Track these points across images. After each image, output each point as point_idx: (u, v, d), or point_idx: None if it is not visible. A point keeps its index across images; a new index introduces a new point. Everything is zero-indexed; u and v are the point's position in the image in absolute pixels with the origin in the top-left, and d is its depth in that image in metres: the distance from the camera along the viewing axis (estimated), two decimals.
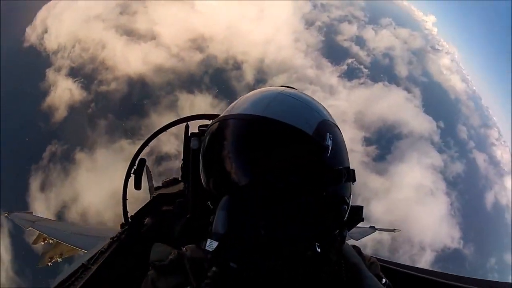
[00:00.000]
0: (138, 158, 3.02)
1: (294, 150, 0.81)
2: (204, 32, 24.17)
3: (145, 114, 21.92)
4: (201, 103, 22.90)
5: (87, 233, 4.99)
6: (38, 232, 5.77)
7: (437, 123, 36.66)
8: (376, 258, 1.22)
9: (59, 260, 5.67)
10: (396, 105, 33.46)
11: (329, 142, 0.85)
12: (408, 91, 36.73)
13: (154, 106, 22.46)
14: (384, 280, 1.05)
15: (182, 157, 2.42)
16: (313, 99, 0.96)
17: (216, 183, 0.89)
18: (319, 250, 0.82)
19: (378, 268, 1.12)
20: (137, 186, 2.98)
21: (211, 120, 2.91)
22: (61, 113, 21.22)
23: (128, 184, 3.44)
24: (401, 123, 32.97)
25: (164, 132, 3.26)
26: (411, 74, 39.94)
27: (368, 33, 41.06)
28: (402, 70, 39.78)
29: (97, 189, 16.65)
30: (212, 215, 0.85)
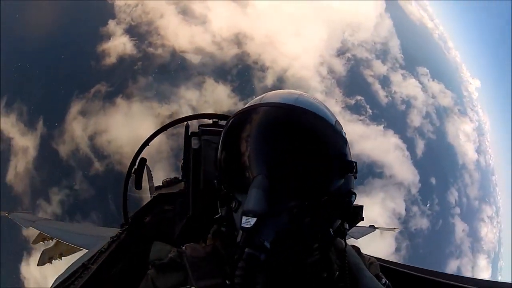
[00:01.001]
0: (139, 158, 3.03)
1: (323, 136, 0.87)
2: (246, 31, 28.17)
3: (176, 85, 25.42)
4: (220, 93, 25.84)
5: (87, 232, 4.99)
6: (38, 231, 5.78)
7: (422, 178, 35.71)
8: (376, 258, 1.22)
9: (59, 259, 5.67)
10: (384, 149, 33.49)
11: (344, 134, 0.93)
12: (404, 140, 36.23)
13: (185, 80, 25.84)
14: (383, 280, 1.06)
15: (182, 157, 2.43)
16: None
17: (243, 165, 0.88)
18: (332, 234, 0.87)
19: (378, 268, 1.12)
20: (138, 185, 2.98)
21: (211, 120, 2.90)
22: (111, 60, 24.95)
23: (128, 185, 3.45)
24: (384, 165, 33.27)
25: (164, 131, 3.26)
26: (421, 127, 39.39)
27: (397, 77, 40.30)
28: (414, 120, 39.12)
29: (125, 131, 20.43)
30: (227, 200, 0.88)
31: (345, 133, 0.96)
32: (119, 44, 25.47)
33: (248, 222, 0.77)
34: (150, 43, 26.41)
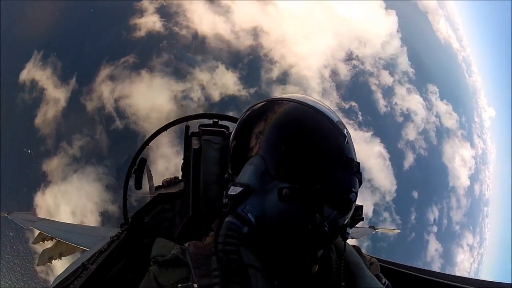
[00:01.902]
0: (139, 158, 3.03)
1: (321, 129, 0.92)
2: (263, 26, 31.22)
3: (192, 66, 28.31)
4: (228, 79, 28.52)
5: (87, 232, 4.99)
6: (38, 231, 5.78)
7: (400, 188, 35.28)
8: (376, 258, 1.22)
9: (59, 259, 5.66)
10: (365, 154, 33.21)
11: (346, 133, 0.97)
12: (391, 150, 35.90)
13: (201, 62, 28.65)
14: (383, 281, 1.06)
15: (182, 157, 2.43)
16: None
17: (248, 149, 0.92)
18: (327, 230, 0.86)
19: (378, 268, 1.13)
20: (138, 185, 2.98)
21: (212, 120, 2.90)
22: (140, 34, 27.85)
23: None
24: (364, 169, 33.69)
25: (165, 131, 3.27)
26: (414, 142, 39.03)
27: (401, 90, 39.73)
28: (409, 134, 38.71)
29: (144, 99, 24.09)
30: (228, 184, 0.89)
31: (348, 132, 0.98)
32: (149, 21, 28.40)
33: (234, 190, 0.80)
34: (177, 23, 29.32)
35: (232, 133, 1.06)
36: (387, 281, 1.07)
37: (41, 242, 5.82)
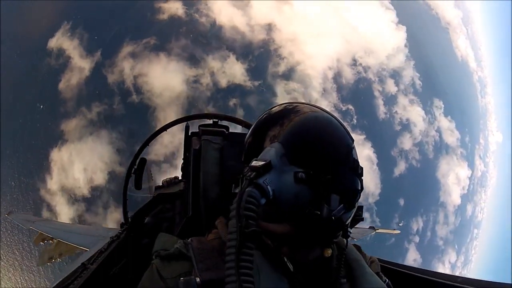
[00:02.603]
0: (139, 158, 3.03)
1: (339, 131, 1.01)
2: (278, 23, 33.04)
3: (206, 53, 30.17)
4: (237, 70, 30.26)
5: (87, 232, 5.00)
6: (38, 232, 5.78)
7: (385, 193, 35.19)
8: (376, 258, 1.22)
9: (59, 259, 5.67)
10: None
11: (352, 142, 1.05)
12: (381, 156, 35.91)
13: (215, 49, 30.64)
14: (384, 279, 1.06)
15: (182, 157, 2.44)
16: None
17: (272, 135, 0.99)
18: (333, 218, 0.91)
19: (379, 267, 1.13)
20: (138, 185, 2.99)
21: (212, 120, 2.90)
22: (163, 17, 29.90)
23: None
24: None
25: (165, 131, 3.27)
26: (409, 152, 38.87)
27: (404, 100, 39.37)
28: (405, 143, 38.68)
29: (160, 79, 26.49)
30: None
31: (353, 140, 1.07)
32: (173, 6, 30.41)
33: (257, 163, 0.85)
34: (198, 10, 31.28)
35: (253, 127, 1.11)
36: (387, 280, 1.07)
37: (41, 242, 5.83)
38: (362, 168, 1.02)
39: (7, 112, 22.35)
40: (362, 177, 1.02)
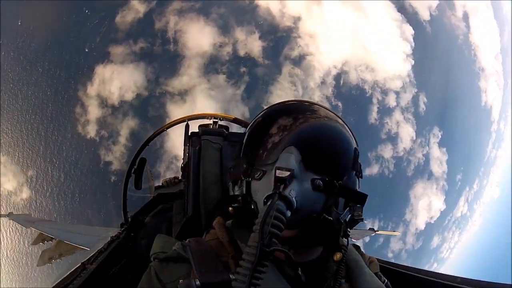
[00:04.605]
0: (139, 158, 3.03)
1: (348, 137, 1.02)
2: (304, 18, 35.43)
3: (238, 25, 32.25)
4: (255, 47, 32.34)
5: (87, 232, 4.99)
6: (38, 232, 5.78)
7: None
8: (376, 258, 1.22)
9: (59, 260, 5.66)
10: None
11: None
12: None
13: (246, 23, 32.73)
14: (383, 279, 1.06)
15: (182, 157, 2.44)
16: None
17: (277, 140, 0.96)
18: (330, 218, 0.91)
19: (378, 267, 1.13)
20: (137, 185, 2.99)
21: (212, 120, 2.90)
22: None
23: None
24: None
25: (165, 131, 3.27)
26: (386, 161, 38.16)
27: (399, 116, 38.43)
28: (385, 152, 37.93)
29: (195, 39, 29.71)
30: (249, 173, 0.95)
31: (357, 141, 1.09)
32: None
33: (282, 173, 0.82)
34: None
35: (255, 124, 1.08)
36: (386, 280, 1.07)
37: (40, 243, 5.82)
38: (362, 171, 1.04)
39: (73, 23, 27.14)
40: (361, 176, 1.04)
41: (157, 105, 27.20)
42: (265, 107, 1.14)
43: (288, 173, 0.82)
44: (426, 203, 41.71)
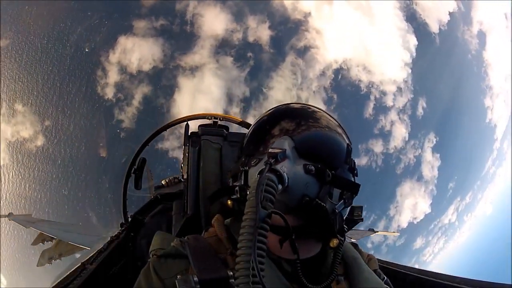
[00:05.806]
0: (139, 158, 3.03)
1: (342, 133, 1.07)
2: (314, 14, 36.69)
3: (251, 13, 33.42)
4: (264, 35, 33.33)
5: (87, 232, 5.00)
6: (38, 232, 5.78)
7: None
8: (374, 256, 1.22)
9: (59, 259, 5.66)
10: None
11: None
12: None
13: (259, 13, 33.93)
14: (382, 276, 1.06)
15: (182, 157, 2.44)
16: None
17: (272, 133, 1.00)
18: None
19: (377, 264, 1.13)
20: (137, 185, 2.98)
21: (212, 120, 2.90)
22: None
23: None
24: None
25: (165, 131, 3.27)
26: (375, 154, 37.44)
27: (395, 116, 37.68)
28: (375, 146, 37.37)
29: (210, 23, 31.51)
30: (247, 162, 0.99)
31: (350, 141, 1.12)
32: None
33: (274, 150, 0.86)
34: None
35: (257, 123, 1.12)
36: (385, 277, 1.07)
37: (40, 243, 5.83)
38: (357, 169, 1.06)
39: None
40: (357, 177, 1.05)
41: (170, 76, 29.13)
42: (270, 108, 1.18)
43: (280, 150, 0.86)
44: (411, 203, 40.78)
